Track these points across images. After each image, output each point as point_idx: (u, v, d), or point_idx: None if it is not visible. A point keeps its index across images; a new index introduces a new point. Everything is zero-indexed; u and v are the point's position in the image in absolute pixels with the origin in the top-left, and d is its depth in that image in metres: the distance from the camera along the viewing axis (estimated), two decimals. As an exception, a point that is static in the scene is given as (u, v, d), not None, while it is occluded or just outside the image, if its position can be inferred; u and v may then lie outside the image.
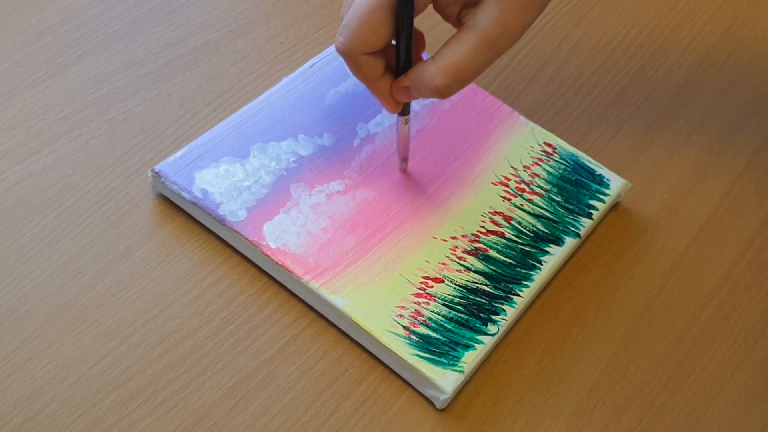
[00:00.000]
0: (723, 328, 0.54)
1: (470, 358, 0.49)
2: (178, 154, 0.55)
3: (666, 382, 0.52)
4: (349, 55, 0.48)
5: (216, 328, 0.50)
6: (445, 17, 0.50)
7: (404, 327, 0.49)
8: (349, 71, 0.50)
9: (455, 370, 0.48)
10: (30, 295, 0.50)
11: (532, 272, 0.53)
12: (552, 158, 0.58)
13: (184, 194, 0.53)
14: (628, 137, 0.63)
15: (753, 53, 0.70)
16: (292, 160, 0.56)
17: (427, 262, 0.52)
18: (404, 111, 0.53)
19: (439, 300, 0.51)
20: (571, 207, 0.56)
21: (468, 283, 0.52)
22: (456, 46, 0.48)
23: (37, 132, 0.57)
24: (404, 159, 0.56)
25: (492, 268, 0.53)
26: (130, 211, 0.54)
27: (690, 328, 0.54)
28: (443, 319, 0.50)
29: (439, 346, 0.49)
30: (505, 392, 0.50)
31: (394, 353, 0.49)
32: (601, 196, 0.57)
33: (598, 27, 0.70)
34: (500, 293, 0.52)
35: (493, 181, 0.57)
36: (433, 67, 0.48)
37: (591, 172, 0.58)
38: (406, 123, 0.54)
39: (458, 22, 0.49)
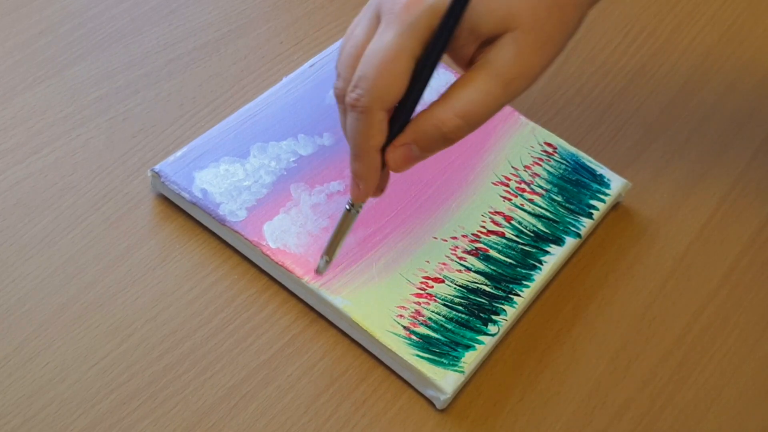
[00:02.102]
0: (723, 328, 0.54)
1: (470, 359, 0.49)
2: (178, 154, 0.55)
3: (666, 382, 0.52)
4: (368, 110, 0.43)
5: (216, 328, 0.50)
6: (459, 61, 0.45)
7: (404, 327, 0.49)
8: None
9: (455, 371, 0.48)
10: (30, 295, 0.50)
11: (532, 272, 0.53)
12: (552, 158, 0.58)
13: (184, 194, 0.53)
14: (628, 137, 0.63)
15: (753, 53, 0.70)
16: (292, 159, 0.56)
17: (428, 262, 0.52)
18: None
19: (439, 300, 0.51)
20: (572, 207, 0.56)
21: (468, 283, 0.52)
22: (467, 87, 0.43)
23: (37, 132, 0.57)
24: (330, 259, 0.50)
25: (492, 268, 0.53)
26: (130, 211, 0.54)
27: (690, 328, 0.54)
28: (443, 319, 0.50)
29: (440, 346, 0.49)
30: (505, 392, 0.50)
31: (394, 353, 0.49)
32: (602, 196, 0.57)
33: (598, 27, 0.70)
34: (500, 293, 0.52)
35: (494, 181, 0.57)
36: (441, 109, 0.44)
37: (591, 172, 0.58)
38: (357, 213, 0.48)
39: (470, 66, 0.45)
